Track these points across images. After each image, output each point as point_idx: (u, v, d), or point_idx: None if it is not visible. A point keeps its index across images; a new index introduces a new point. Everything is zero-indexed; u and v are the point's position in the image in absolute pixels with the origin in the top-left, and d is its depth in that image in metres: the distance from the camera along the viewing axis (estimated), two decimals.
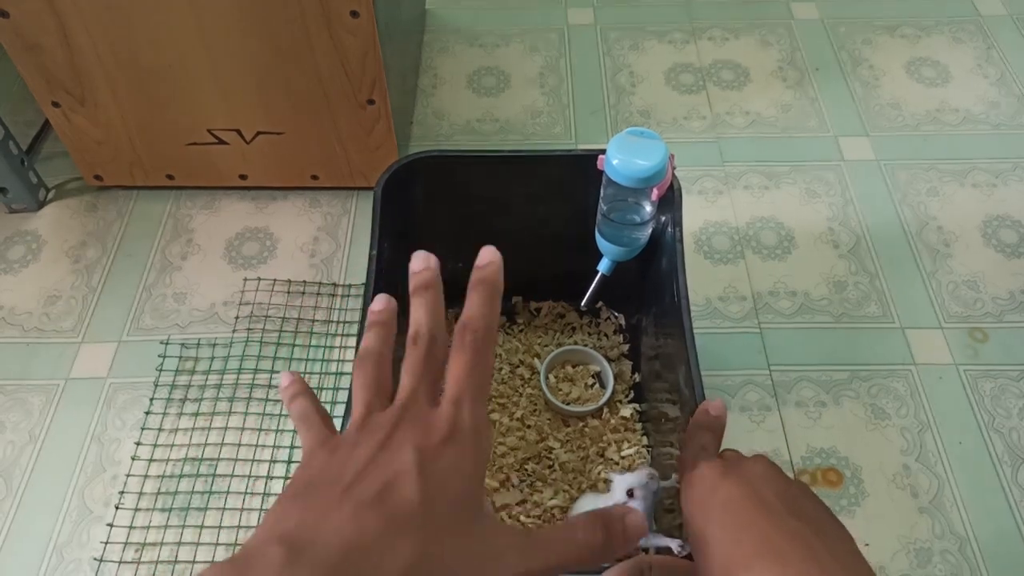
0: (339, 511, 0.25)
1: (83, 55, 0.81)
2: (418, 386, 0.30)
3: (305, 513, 0.26)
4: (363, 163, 0.93)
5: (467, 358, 0.31)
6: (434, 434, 0.28)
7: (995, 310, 0.86)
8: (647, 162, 0.60)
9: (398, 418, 0.29)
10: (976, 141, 1.03)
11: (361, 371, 0.33)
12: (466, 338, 0.32)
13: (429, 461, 0.27)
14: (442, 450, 0.28)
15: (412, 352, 0.32)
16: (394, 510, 0.25)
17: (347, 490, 0.26)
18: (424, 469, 0.27)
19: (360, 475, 0.26)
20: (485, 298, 0.34)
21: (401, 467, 0.27)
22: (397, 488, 0.26)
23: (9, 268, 0.91)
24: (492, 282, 0.35)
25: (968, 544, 0.70)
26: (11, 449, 0.77)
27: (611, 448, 0.74)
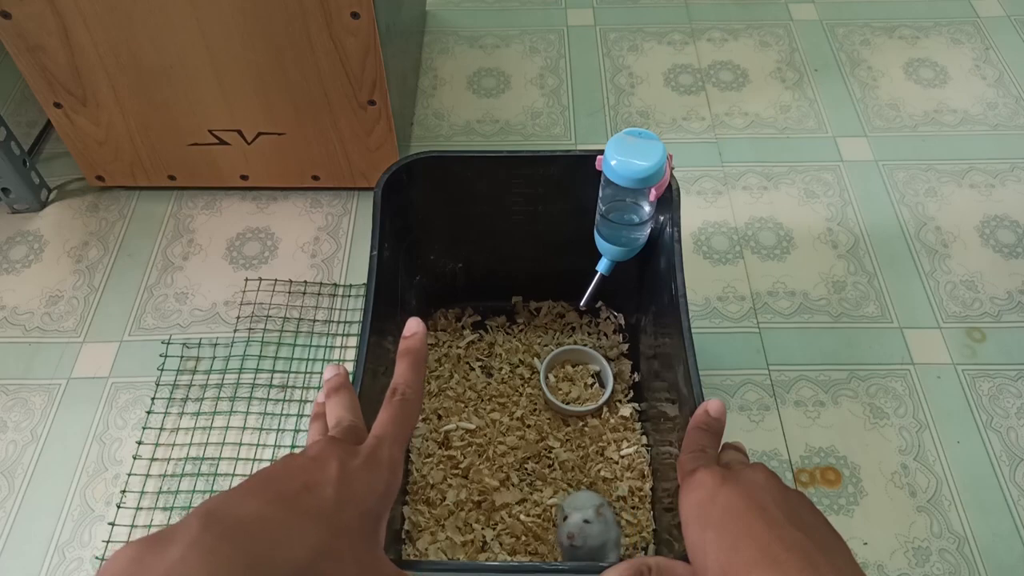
0: (260, 497, 0.30)
1: (85, 56, 0.82)
2: (355, 423, 0.37)
3: (231, 497, 0.30)
4: (363, 163, 0.94)
5: (394, 411, 0.38)
6: (357, 457, 0.34)
7: (993, 310, 0.86)
8: (645, 163, 0.60)
9: (333, 441, 0.35)
10: (974, 142, 1.03)
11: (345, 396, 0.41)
12: (395, 398, 0.38)
13: (348, 476, 0.32)
14: (360, 471, 0.33)
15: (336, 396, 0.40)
16: (308, 505, 0.30)
17: (276, 487, 0.31)
18: (342, 481, 0.32)
19: (288, 476, 0.31)
20: (410, 365, 0.40)
21: (324, 475, 0.32)
22: (316, 490, 0.31)
23: (11, 268, 0.92)
24: (416, 350, 0.41)
25: (966, 543, 0.70)
26: (13, 448, 0.77)
27: (611, 447, 0.74)
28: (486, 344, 0.82)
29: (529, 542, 0.69)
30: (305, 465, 0.32)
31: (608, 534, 0.64)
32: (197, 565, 0.26)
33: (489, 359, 0.81)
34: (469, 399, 0.78)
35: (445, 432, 0.75)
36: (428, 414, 0.77)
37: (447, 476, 0.72)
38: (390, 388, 0.39)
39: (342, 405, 0.40)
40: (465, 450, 0.74)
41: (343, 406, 0.40)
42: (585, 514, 0.63)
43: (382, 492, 0.34)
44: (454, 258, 0.81)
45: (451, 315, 0.84)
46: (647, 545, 0.69)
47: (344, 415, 0.39)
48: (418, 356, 0.41)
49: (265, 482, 0.31)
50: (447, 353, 0.81)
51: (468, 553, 0.68)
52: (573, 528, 0.62)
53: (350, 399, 0.40)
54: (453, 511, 0.70)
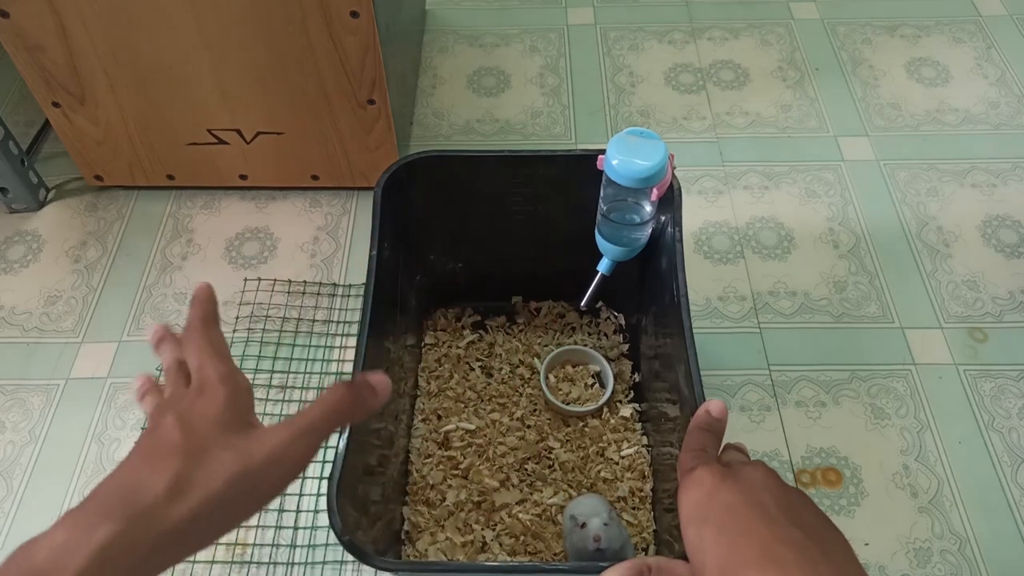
0: (127, 462, 0.35)
1: (83, 55, 0.81)
2: (174, 376, 0.40)
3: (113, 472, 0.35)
4: (363, 163, 0.93)
5: (195, 341, 0.40)
6: (189, 395, 0.37)
7: (995, 310, 0.86)
8: (647, 162, 0.60)
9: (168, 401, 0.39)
10: (976, 141, 1.03)
11: None
12: (188, 332, 0.41)
13: (186, 412, 0.36)
14: (194, 401, 0.36)
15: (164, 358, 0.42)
16: (159, 447, 0.34)
17: (136, 447, 0.36)
18: (181, 417, 0.35)
19: (143, 436, 0.36)
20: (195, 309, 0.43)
21: (167, 422, 0.35)
22: (163, 435, 0.35)
23: (9, 268, 0.92)
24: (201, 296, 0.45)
25: (967, 544, 0.70)
26: (11, 449, 0.77)
27: (611, 448, 0.74)
28: (486, 344, 0.82)
29: (529, 542, 0.68)
30: (155, 424, 0.36)
31: (624, 534, 0.64)
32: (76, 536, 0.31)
33: (489, 359, 0.81)
34: (469, 399, 0.77)
35: (445, 432, 0.75)
36: (428, 414, 0.76)
37: (447, 477, 0.72)
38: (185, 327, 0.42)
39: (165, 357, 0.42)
40: (465, 450, 0.74)
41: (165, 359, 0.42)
42: (603, 517, 0.62)
43: (227, 400, 0.36)
44: (454, 258, 0.80)
45: (451, 315, 0.84)
46: (647, 546, 0.68)
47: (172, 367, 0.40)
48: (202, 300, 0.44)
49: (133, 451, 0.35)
50: (447, 353, 0.81)
51: (468, 554, 0.68)
52: (599, 531, 0.62)
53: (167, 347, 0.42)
54: (453, 512, 0.70)
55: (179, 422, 0.35)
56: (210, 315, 0.43)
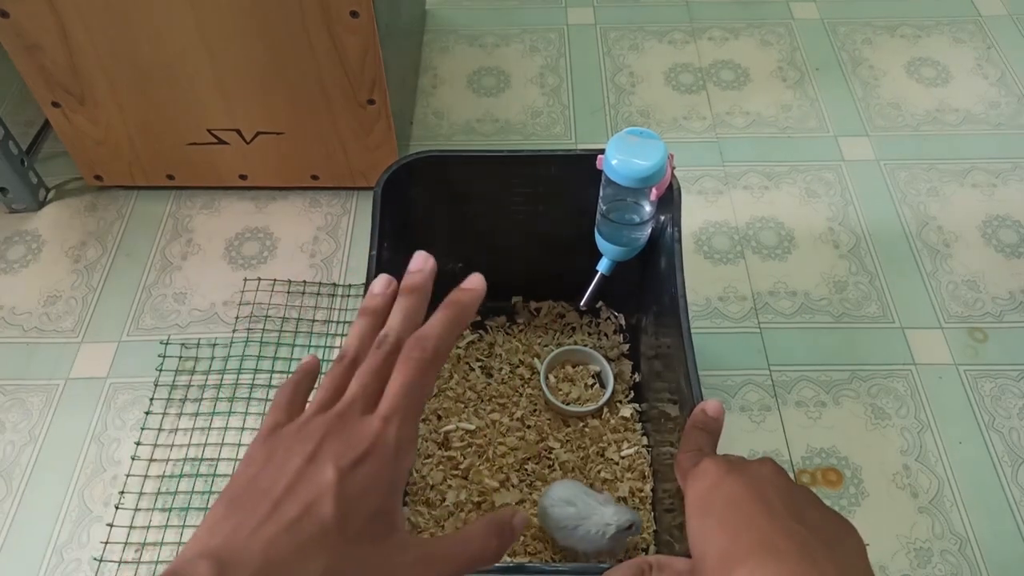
0: (264, 529, 0.28)
1: (83, 55, 0.81)
2: (358, 395, 0.32)
3: (235, 530, 0.28)
4: (363, 163, 0.93)
5: (408, 374, 0.32)
6: (356, 449, 0.30)
7: (995, 310, 0.86)
8: (646, 162, 0.60)
9: (330, 427, 0.31)
10: (976, 141, 1.03)
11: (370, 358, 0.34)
12: (414, 353, 0.33)
13: (346, 478, 0.29)
14: (359, 467, 0.30)
15: (371, 356, 0.34)
16: (311, 531, 0.28)
17: (273, 509, 0.29)
18: (341, 488, 0.29)
19: (287, 491, 0.29)
20: (450, 319, 0.34)
21: (322, 486, 0.29)
22: (315, 509, 0.28)
23: (9, 268, 0.91)
24: (465, 306, 0.35)
25: (968, 544, 0.70)
26: (11, 449, 0.77)
27: (611, 448, 0.74)
28: (486, 344, 0.82)
29: (529, 543, 0.68)
30: (301, 471, 0.30)
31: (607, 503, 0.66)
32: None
33: (489, 359, 0.81)
34: (469, 400, 0.77)
35: (445, 433, 0.75)
36: (428, 414, 0.76)
37: (447, 477, 0.72)
38: (412, 338, 0.33)
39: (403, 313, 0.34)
40: (465, 451, 0.74)
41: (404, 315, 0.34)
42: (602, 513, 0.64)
43: (388, 485, 0.30)
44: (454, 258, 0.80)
45: None
46: (648, 546, 0.68)
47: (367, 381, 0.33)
48: (465, 314, 0.35)
49: (265, 501, 0.29)
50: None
51: None
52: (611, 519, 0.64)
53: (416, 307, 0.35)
54: (453, 512, 0.70)
55: (336, 495, 0.29)
56: (452, 342, 0.34)
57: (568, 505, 0.65)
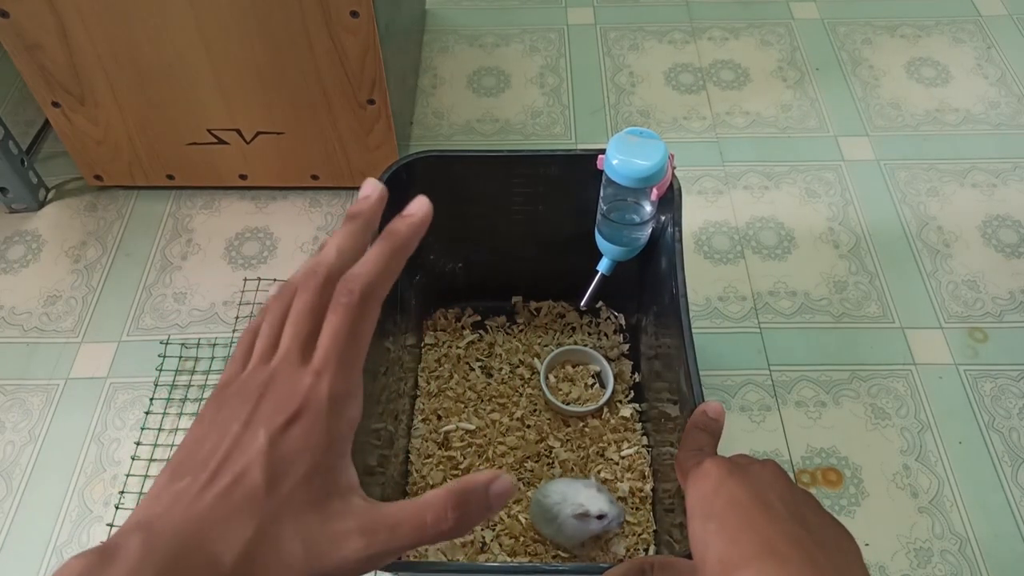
0: (200, 499, 0.27)
1: (83, 55, 0.81)
2: (292, 346, 0.30)
3: (175, 499, 0.27)
4: (363, 163, 0.93)
5: (337, 323, 0.30)
6: (285, 411, 0.29)
7: (995, 310, 0.86)
8: (646, 162, 0.60)
9: (266, 386, 0.29)
10: (976, 141, 1.03)
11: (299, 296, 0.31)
12: (342, 298, 0.30)
13: (276, 443, 0.28)
14: (289, 428, 0.28)
15: (301, 295, 0.31)
16: (240, 497, 0.27)
17: (210, 478, 0.28)
18: (270, 453, 0.28)
19: (223, 459, 0.28)
20: (384, 254, 0.32)
21: (253, 453, 0.28)
22: (246, 477, 0.28)
23: (9, 268, 0.91)
24: (403, 236, 0.33)
25: (968, 544, 0.70)
26: (11, 449, 0.77)
27: (611, 448, 0.74)
28: (486, 344, 0.82)
29: (528, 543, 0.68)
30: (236, 438, 0.28)
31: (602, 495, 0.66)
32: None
33: (489, 359, 0.81)
34: (469, 399, 0.77)
35: (445, 433, 0.75)
36: (428, 414, 0.76)
37: (447, 477, 0.72)
38: (342, 280, 0.31)
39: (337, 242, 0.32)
40: (465, 451, 0.74)
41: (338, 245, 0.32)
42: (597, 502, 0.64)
43: (323, 443, 0.29)
44: (454, 258, 0.80)
45: (451, 315, 0.84)
46: (648, 546, 0.68)
47: (300, 326, 0.30)
48: (400, 244, 0.32)
49: (200, 467, 0.28)
50: (447, 353, 0.81)
51: (468, 554, 0.68)
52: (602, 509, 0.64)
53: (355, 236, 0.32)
54: None
55: (265, 462, 0.27)
56: (388, 278, 0.32)
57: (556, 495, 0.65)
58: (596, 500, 0.64)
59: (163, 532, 0.26)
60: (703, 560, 0.36)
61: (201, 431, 0.30)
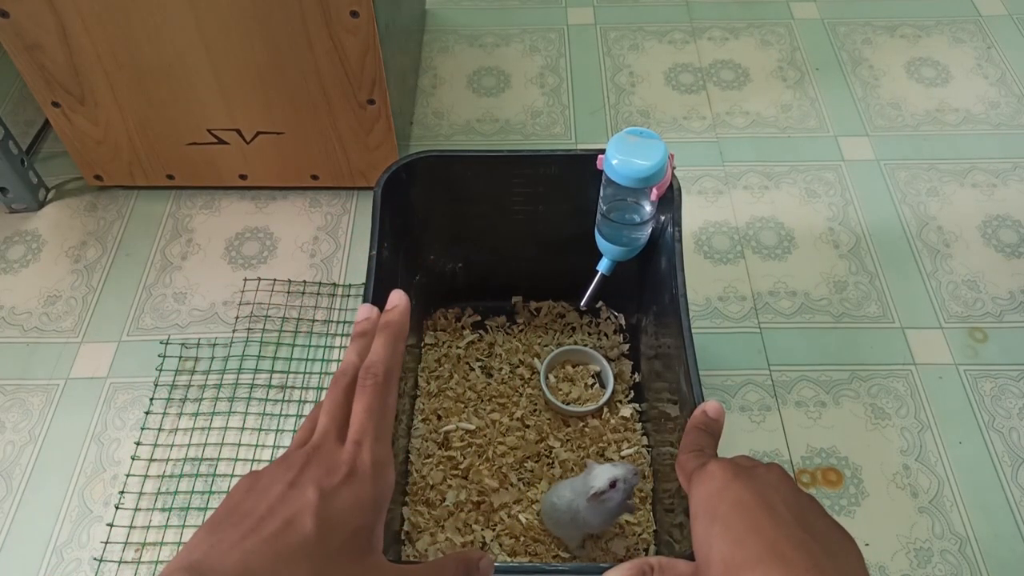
0: (243, 544, 0.29)
1: (83, 55, 0.81)
2: (330, 427, 0.34)
3: (215, 545, 0.29)
4: (363, 163, 0.93)
5: (367, 400, 0.35)
6: (336, 474, 0.32)
7: (995, 310, 0.86)
8: (646, 162, 0.60)
9: (309, 457, 0.33)
10: (976, 141, 1.03)
11: (333, 390, 0.36)
12: (367, 381, 0.35)
13: (328, 499, 0.31)
14: (341, 489, 0.31)
15: (332, 390, 0.36)
16: (291, 543, 0.29)
17: (255, 526, 0.29)
18: (322, 507, 0.30)
19: (268, 511, 0.30)
20: (387, 341, 0.37)
21: (303, 505, 0.30)
22: (296, 524, 0.29)
23: (9, 268, 0.91)
24: (397, 325, 0.38)
25: (968, 544, 0.70)
26: (11, 449, 0.77)
27: (611, 448, 0.74)
28: (486, 344, 0.82)
29: (529, 543, 0.68)
30: (283, 495, 0.31)
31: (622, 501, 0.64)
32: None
33: (489, 359, 0.81)
34: (469, 399, 0.77)
35: (445, 433, 0.75)
36: (428, 414, 0.76)
37: (447, 477, 0.72)
38: (362, 369, 0.36)
39: (356, 350, 0.37)
40: (465, 451, 0.74)
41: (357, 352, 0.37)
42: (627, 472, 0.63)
43: (370, 504, 0.32)
44: (454, 258, 0.80)
45: (451, 315, 0.84)
46: (648, 546, 0.68)
47: (335, 413, 0.35)
48: (397, 331, 0.38)
49: (247, 520, 0.30)
50: (447, 353, 0.81)
51: None
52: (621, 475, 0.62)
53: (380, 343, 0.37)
54: (453, 512, 0.70)
55: (317, 513, 0.30)
56: (397, 361, 0.37)
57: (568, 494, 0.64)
58: (600, 475, 0.62)
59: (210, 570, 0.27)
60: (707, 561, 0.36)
61: (237, 497, 0.32)
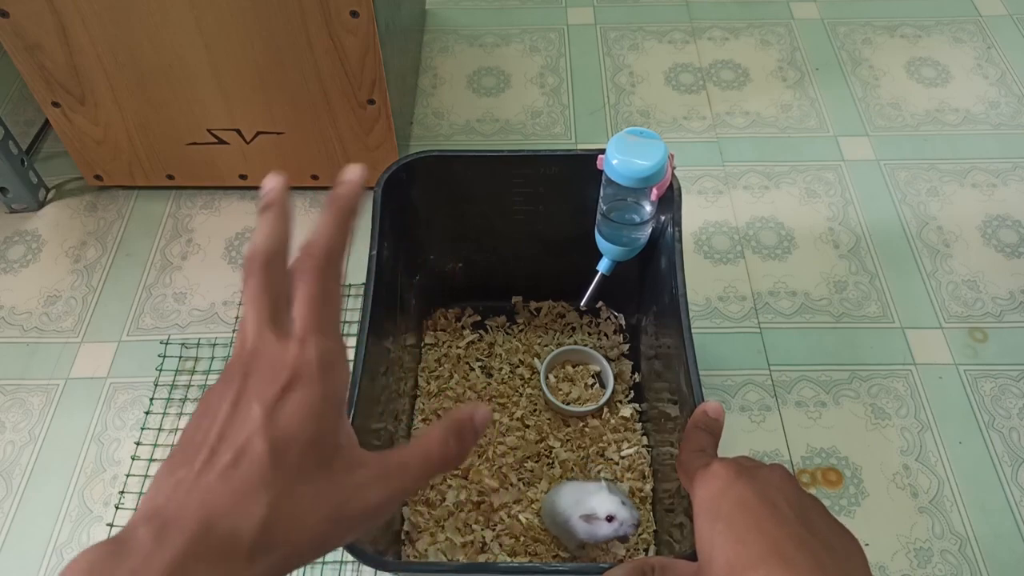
0: (200, 482, 0.27)
1: (83, 55, 0.81)
2: (262, 324, 0.30)
3: (175, 487, 0.28)
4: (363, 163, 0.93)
5: (308, 288, 0.31)
6: (278, 381, 0.29)
7: (995, 310, 0.86)
8: (646, 162, 0.60)
9: (248, 366, 0.30)
10: (976, 141, 1.03)
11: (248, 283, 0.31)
12: (306, 264, 0.31)
13: (275, 413, 0.28)
14: (287, 398, 0.29)
15: (250, 278, 0.31)
16: (246, 474, 0.27)
17: (208, 459, 0.28)
18: (270, 424, 0.28)
19: (218, 439, 0.28)
20: (332, 219, 0.33)
21: (251, 428, 0.28)
22: (247, 451, 0.28)
23: (9, 268, 0.91)
24: (346, 199, 0.34)
25: (968, 544, 0.70)
26: (11, 449, 0.77)
27: (611, 448, 0.74)
28: (486, 344, 0.82)
29: (528, 543, 0.68)
30: (229, 418, 0.29)
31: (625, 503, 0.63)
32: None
33: (489, 359, 0.81)
34: (469, 399, 0.77)
35: None
36: (428, 414, 0.76)
37: (447, 477, 0.72)
38: (301, 250, 0.32)
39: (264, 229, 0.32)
40: None
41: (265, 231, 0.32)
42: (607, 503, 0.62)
43: (321, 407, 0.29)
44: (454, 258, 0.80)
45: (451, 315, 0.84)
46: (647, 546, 0.68)
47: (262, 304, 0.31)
48: (346, 207, 0.33)
49: (199, 454, 0.28)
50: (447, 353, 0.81)
51: (468, 554, 0.68)
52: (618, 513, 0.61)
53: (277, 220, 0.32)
54: (453, 512, 0.70)
55: (266, 433, 0.28)
56: (342, 241, 0.33)
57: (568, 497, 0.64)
58: (606, 502, 0.62)
59: (172, 519, 0.26)
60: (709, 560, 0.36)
61: (190, 428, 0.30)
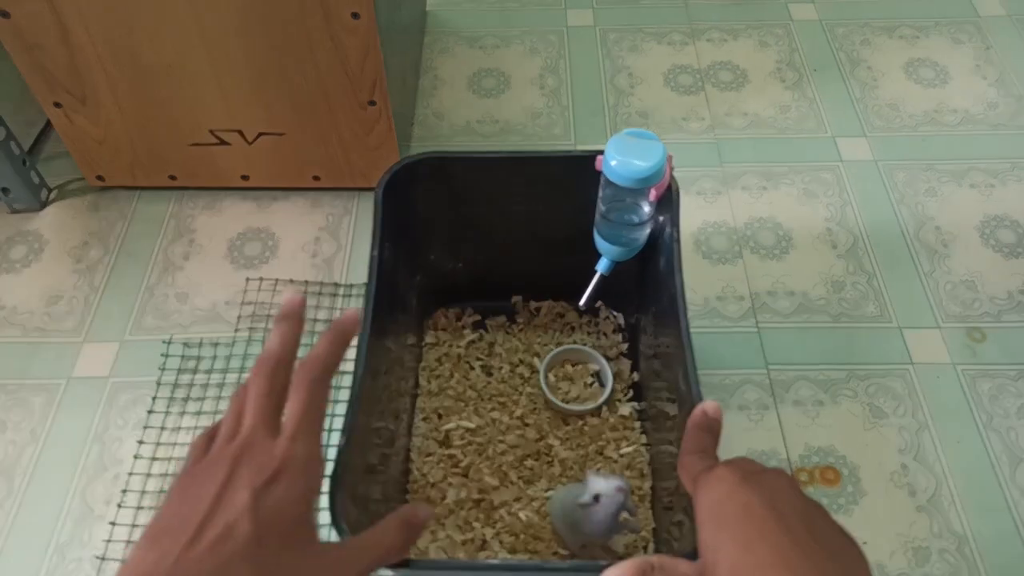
0: (188, 554, 0.30)
1: (84, 55, 0.82)
2: (258, 421, 0.35)
3: (158, 560, 0.30)
4: (364, 164, 0.94)
5: (304, 397, 0.37)
6: (267, 470, 0.33)
7: (993, 310, 0.86)
8: (645, 163, 0.60)
9: (240, 454, 0.34)
10: (974, 141, 1.03)
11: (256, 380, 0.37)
12: (306, 377, 0.37)
13: (262, 498, 0.32)
14: (273, 485, 0.33)
15: (258, 379, 0.37)
16: (232, 549, 0.30)
17: (195, 535, 0.31)
18: (257, 507, 0.32)
19: (207, 517, 0.31)
20: (330, 340, 0.39)
21: (239, 509, 0.32)
22: (235, 529, 0.31)
23: (11, 268, 0.92)
24: (344, 328, 0.40)
25: (966, 543, 0.70)
26: (13, 448, 0.77)
27: (610, 446, 0.74)
28: (486, 343, 0.82)
29: (528, 541, 0.69)
30: (218, 497, 0.32)
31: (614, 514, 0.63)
32: None
33: (489, 358, 0.81)
34: (469, 398, 0.78)
35: (445, 431, 0.75)
36: (428, 413, 0.77)
37: (447, 475, 0.72)
38: (304, 363, 0.38)
39: (278, 338, 0.39)
40: (465, 449, 0.74)
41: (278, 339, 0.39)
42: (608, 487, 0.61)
43: (302, 496, 0.34)
44: (454, 258, 0.81)
45: (451, 315, 0.84)
46: (647, 544, 0.69)
47: (263, 404, 0.36)
48: (345, 336, 0.40)
49: (186, 530, 0.31)
50: (447, 352, 0.81)
51: (468, 552, 0.68)
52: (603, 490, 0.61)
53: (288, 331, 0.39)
54: (453, 510, 0.70)
55: (253, 514, 0.31)
56: (336, 361, 0.39)
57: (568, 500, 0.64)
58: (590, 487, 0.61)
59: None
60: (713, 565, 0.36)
61: (175, 503, 0.33)
